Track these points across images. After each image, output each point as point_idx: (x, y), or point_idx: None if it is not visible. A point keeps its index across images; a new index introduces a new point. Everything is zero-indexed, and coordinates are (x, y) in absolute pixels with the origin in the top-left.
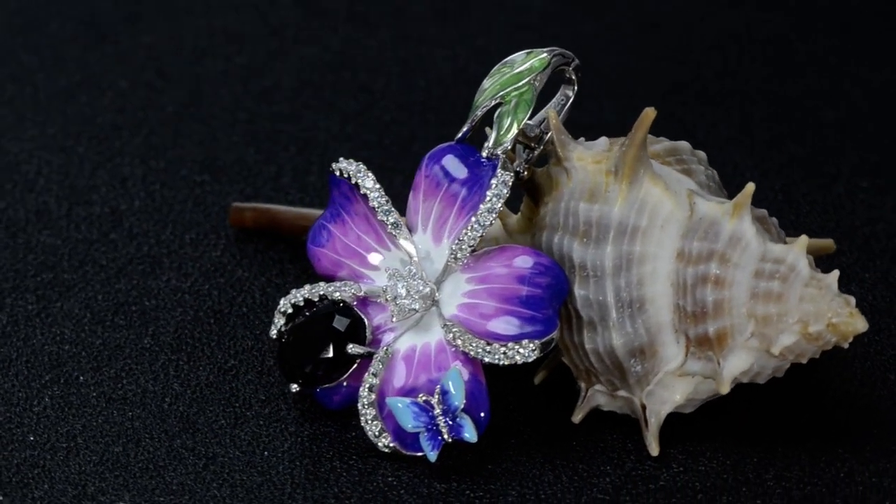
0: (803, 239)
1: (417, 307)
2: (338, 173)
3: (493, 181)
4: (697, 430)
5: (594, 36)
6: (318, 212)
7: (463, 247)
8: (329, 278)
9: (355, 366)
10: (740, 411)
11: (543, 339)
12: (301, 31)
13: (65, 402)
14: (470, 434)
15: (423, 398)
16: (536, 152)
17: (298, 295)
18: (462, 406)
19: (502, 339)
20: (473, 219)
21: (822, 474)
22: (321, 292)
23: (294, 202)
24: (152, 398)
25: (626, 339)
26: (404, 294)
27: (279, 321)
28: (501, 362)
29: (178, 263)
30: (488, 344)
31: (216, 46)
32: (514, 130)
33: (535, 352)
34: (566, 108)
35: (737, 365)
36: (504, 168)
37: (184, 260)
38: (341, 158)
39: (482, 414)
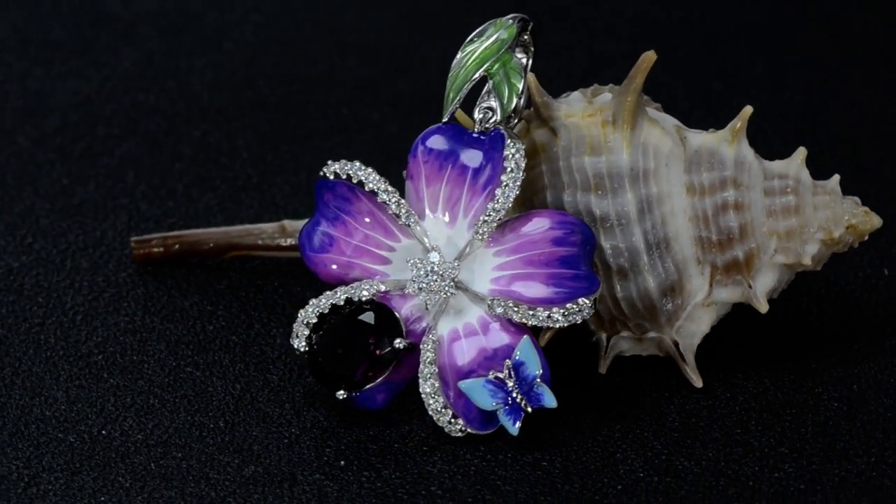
0: (802, 151)
1: (452, 290)
2: (332, 176)
3: (507, 152)
4: (714, 358)
5: None
6: (234, 228)
7: (489, 221)
8: (338, 282)
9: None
10: (740, 334)
11: (595, 295)
12: (59, 66)
13: (106, 457)
14: (550, 400)
15: (494, 375)
16: (516, 120)
17: (321, 303)
18: (540, 374)
19: (557, 301)
20: (499, 191)
21: (860, 374)
22: (345, 296)
23: (175, 227)
24: (188, 436)
25: (659, 280)
26: (437, 280)
27: (303, 332)
28: (563, 325)
29: (113, 306)
30: (545, 309)
31: None
32: (515, 98)
33: (591, 308)
34: (527, 70)
35: (766, 283)
36: (511, 138)
37: (116, 301)
38: (330, 161)
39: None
